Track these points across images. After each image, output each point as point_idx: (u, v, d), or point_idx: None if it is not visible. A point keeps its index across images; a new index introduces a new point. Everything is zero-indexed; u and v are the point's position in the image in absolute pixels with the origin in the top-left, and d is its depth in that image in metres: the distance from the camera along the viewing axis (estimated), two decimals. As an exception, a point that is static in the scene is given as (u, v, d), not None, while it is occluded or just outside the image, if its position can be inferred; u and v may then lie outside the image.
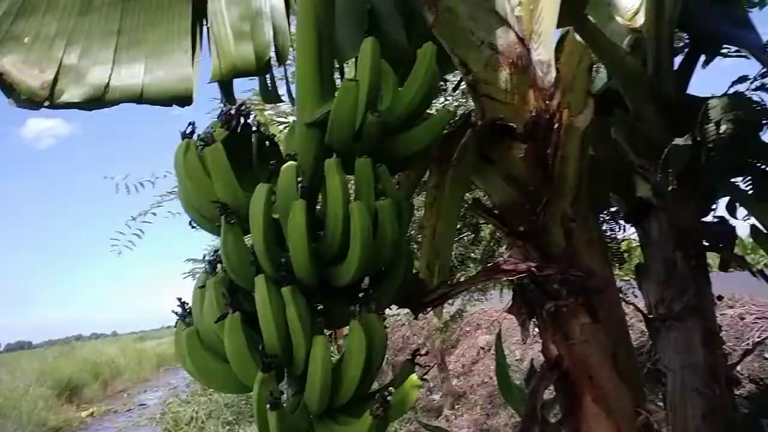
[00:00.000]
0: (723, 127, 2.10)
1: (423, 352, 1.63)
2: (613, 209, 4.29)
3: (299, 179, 1.32)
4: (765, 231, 3.16)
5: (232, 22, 2.08)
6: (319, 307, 1.37)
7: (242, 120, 1.62)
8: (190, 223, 1.53)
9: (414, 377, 1.41)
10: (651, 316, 3.27)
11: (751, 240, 3.32)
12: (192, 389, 16.61)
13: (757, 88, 2.28)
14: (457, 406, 9.14)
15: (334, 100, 1.36)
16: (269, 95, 2.59)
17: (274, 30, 2.09)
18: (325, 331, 1.32)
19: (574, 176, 1.99)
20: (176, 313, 1.44)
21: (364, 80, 1.33)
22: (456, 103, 5.85)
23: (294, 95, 3.06)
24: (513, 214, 2.15)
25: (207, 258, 1.45)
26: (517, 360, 8.87)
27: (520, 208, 2.11)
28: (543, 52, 2.05)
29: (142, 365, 31.51)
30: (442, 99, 5.96)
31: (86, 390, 22.79)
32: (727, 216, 3.52)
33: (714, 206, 3.55)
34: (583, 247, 2.09)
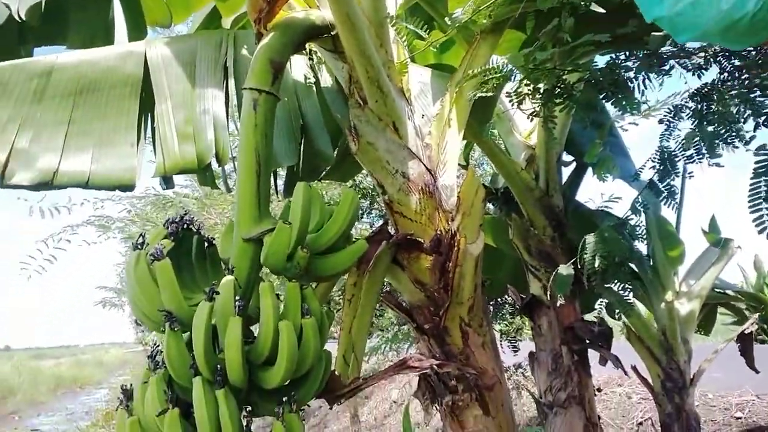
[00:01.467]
0: (596, 262, 2.52)
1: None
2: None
3: (237, 298, 1.54)
4: (635, 333, 3.66)
5: (178, 125, 2.30)
6: (247, 408, 1.57)
7: (185, 226, 1.85)
8: (135, 321, 1.71)
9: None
10: (542, 401, 3.65)
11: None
12: (93, 418, 15.43)
13: (622, 224, 2.74)
14: (369, 459, 9.14)
15: (271, 233, 1.62)
16: (206, 182, 2.79)
17: (215, 134, 2.32)
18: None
19: (469, 289, 2.32)
20: (120, 399, 1.60)
21: (296, 223, 1.61)
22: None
23: (229, 185, 3.29)
24: (420, 313, 2.45)
25: (150, 353, 1.62)
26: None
27: (426, 308, 2.42)
28: (447, 178, 2.42)
29: (37, 386, 28.56)
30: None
31: None
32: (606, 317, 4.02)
33: (598, 306, 4.03)
34: (477, 349, 2.42)
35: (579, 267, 2.74)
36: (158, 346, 1.65)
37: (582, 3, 2.04)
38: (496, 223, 4.13)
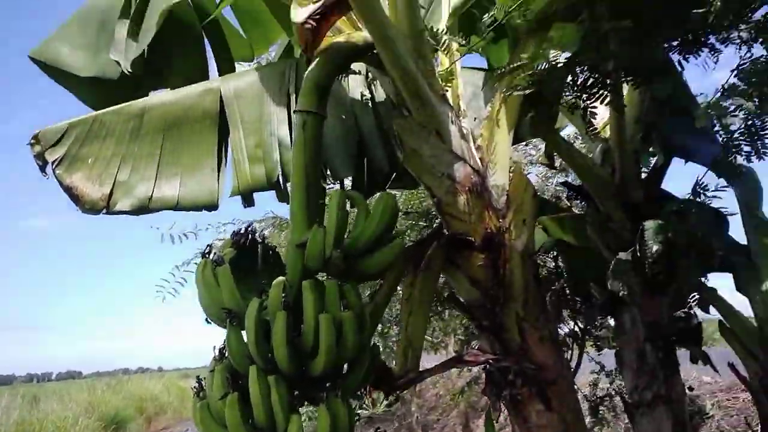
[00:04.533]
0: (654, 248, 2.47)
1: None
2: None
3: (283, 294, 1.76)
4: (729, 326, 3.47)
5: (248, 149, 2.61)
6: (295, 393, 1.79)
7: (250, 237, 2.11)
8: (205, 319, 1.99)
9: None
10: (629, 401, 3.55)
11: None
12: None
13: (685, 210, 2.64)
14: (484, 470, 9.07)
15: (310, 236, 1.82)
16: (283, 198, 3.09)
17: (282, 154, 2.60)
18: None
19: (520, 284, 2.39)
20: (193, 389, 1.88)
21: (330, 227, 1.81)
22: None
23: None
24: (478, 311, 2.54)
25: (217, 347, 1.89)
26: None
27: (482, 306, 2.51)
28: (498, 177, 2.50)
29: (184, 403, 31.68)
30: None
31: (131, 425, 23.17)
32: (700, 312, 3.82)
33: (693, 299, 3.85)
34: (535, 344, 2.46)
35: (637, 258, 2.68)
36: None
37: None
38: (577, 221, 4.06)
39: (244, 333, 1.78)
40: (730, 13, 1.97)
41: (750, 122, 2.48)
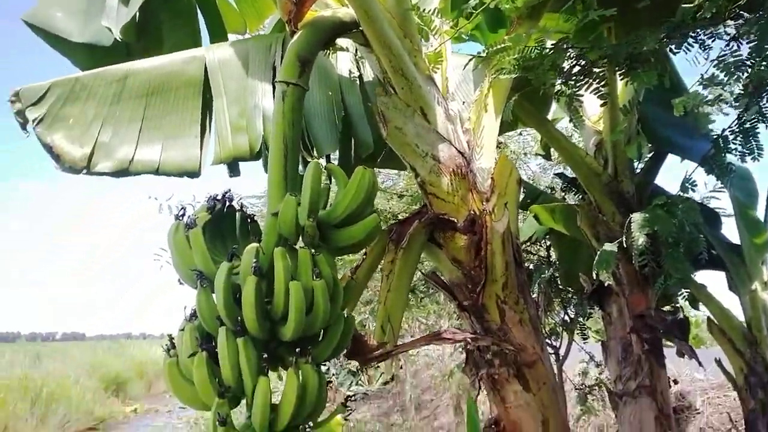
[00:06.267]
0: (640, 240, 2.45)
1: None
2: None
3: (254, 260, 1.75)
4: (717, 323, 3.46)
5: (232, 118, 2.59)
6: (264, 356, 1.80)
7: (227, 203, 2.10)
8: (178, 280, 1.98)
9: (338, 417, 1.80)
10: (613, 391, 3.55)
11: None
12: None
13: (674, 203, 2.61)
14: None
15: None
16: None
17: (265, 125, 2.58)
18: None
19: (501, 266, 2.37)
20: (165, 347, 1.88)
21: (304, 196, 1.80)
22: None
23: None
24: (459, 291, 2.53)
25: (188, 307, 1.88)
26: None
27: (464, 286, 2.50)
28: (485, 160, 2.48)
29: None
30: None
31: (131, 387, 23.71)
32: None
33: (681, 294, 3.82)
34: (515, 326, 2.45)
35: (624, 249, 2.66)
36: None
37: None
38: (569, 211, 4.05)
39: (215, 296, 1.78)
40: (713, 7, 1.92)
41: (743, 120, 2.45)
